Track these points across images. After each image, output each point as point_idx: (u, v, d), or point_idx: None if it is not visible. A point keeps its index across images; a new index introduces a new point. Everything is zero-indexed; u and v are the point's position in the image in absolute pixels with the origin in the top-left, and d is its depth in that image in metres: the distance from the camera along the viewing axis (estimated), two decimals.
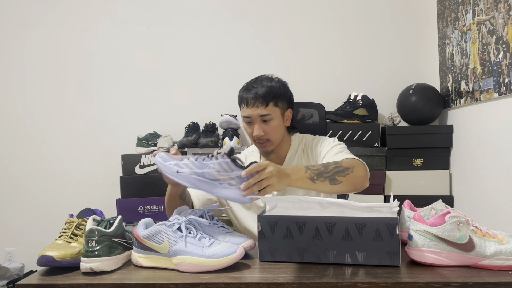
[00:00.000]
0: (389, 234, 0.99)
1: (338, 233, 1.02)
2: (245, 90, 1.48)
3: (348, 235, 1.02)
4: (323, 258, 1.04)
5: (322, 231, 1.03)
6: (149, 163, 2.44)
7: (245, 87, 1.49)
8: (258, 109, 1.44)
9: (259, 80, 1.48)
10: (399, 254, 1.00)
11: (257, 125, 1.46)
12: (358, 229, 1.01)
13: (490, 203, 1.87)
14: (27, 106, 2.77)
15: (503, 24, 1.69)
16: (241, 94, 1.48)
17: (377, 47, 2.61)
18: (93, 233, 1.03)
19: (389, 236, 0.99)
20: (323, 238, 1.03)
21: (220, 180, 1.10)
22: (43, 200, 2.77)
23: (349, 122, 2.37)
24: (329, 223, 1.03)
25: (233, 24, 2.68)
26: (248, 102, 1.45)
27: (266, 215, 1.08)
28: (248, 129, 1.49)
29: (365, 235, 1.01)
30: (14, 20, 2.76)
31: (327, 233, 1.03)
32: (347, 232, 1.02)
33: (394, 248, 0.99)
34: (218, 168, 1.10)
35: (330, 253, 1.03)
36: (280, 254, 1.07)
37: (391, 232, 0.99)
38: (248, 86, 1.48)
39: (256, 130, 1.45)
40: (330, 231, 1.03)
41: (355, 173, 1.29)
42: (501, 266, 0.97)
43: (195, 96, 2.70)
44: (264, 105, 1.44)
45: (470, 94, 2.03)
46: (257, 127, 1.45)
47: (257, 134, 1.45)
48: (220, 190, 1.10)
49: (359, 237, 1.01)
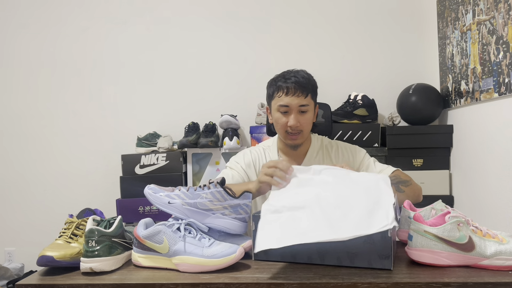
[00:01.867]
0: (380, 237, 0.98)
1: None
2: (282, 78, 1.46)
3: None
4: (314, 259, 1.04)
5: None
6: (149, 163, 2.44)
7: (281, 76, 1.48)
8: (298, 98, 1.43)
9: (295, 71, 1.48)
10: (391, 258, 0.98)
11: (294, 115, 1.44)
12: None
13: (490, 203, 1.87)
14: (27, 106, 2.77)
15: (503, 24, 1.69)
16: (278, 83, 1.46)
17: (377, 47, 2.61)
18: (93, 233, 1.03)
19: (380, 239, 0.99)
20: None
21: (213, 210, 1.11)
22: (43, 200, 2.77)
23: (349, 122, 2.37)
24: None
25: (233, 24, 2.68)
26: (288, 91, 1.43)
27: (259, 215, 1.08)
28: (282, 119, 1.46)
29: (357, 237, 1.00)
30: (15, 20, 2.76)
31: None
32: None
33: (386, 251, 0.98)
34: (210, 197, 1.11)
35: (321, 254, 1.03)
36: (272, 254, 1.07)
37: (383, 234, 0.98)
38: (285, 75, 1.47)
39: (293, 120, 1.44)
40: None
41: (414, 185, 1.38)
42: (501, 266, 0.97)
43: (195, 96, 2.70)
44: (304, 95, 1.44)
45: (470, 94, 2.03)
46: (293, 117, 1.44)
47: (293, 124, 1.44)
48: (213, 220, 1.11)
49: (351, 238, 1.00)
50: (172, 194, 1.13)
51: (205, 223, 1.10)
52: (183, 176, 2.49)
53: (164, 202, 1.12)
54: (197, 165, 2.52)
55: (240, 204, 1.13)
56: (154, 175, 2.42)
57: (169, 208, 1.12)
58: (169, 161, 2.44)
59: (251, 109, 2.58)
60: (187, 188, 1.13)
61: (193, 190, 1.12)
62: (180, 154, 2.47)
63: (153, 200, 1.14)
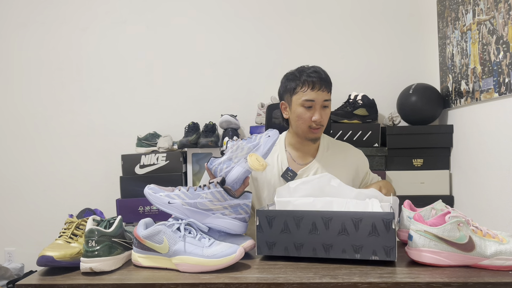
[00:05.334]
0: (385, 228, 1.00)
1: (334, 227, 1.03)
2: (305, 73, 1.49)
3: (345, 230, 1.02)
4: (319, 252, 1.04)
5: (319, 226, 1.04)
6: (149, 163, 2.44)
7: (301, 71, 1.51)
8: (323, 93, 1.48)
9: (315, 66, 1.52)
10: (395, 249, 1.00)
11: (319, 110, 1.48)
12: (354, 223, 1.02)
13: (490, 203, 1.87)
14: (27, 106, 2.77)
15: (503, 24, 1.69)
16: (303, 78, 1.48)
17: (377, 47, 2.61)
18: (93, 233, 1.03)
19: (385, 230, 1.00)
20: (320, 233, 1.04)
21: (213, 210, 1.11)
22: (43, 200, 2.77)
23: (349, 122, 2.36)
24: (326, 218, 1.03)
25: (233, 23, 2.68)
26: (314, 85, 1.46)
27: (264, 209, 1.09)
28: (306, 114, 1.48)
29: (362, 229, 1.01)
30: (13, 20, 2.76)
31: (324, 228, 1.03)
32: (344, 227, 1.02)
33: (390, 243, 1.00)
34: (210, 197, 1.11)
35: (327, 247, 1.04)
36: (277, 248, 1.07)
37: (387, 226, 1.00)
38: (306, 70, 1.50)
39: (318, 114, 1.47)
40: (327, 225, 1.03)
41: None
42: (501, 266, 0.97)
43: (195, 96, 2.70)
44: (327, 90, 1.50)
45: (470, 94, 2.03)
46: (318, 112, 1.48)
47: (317, 119, 1.47)
48: (213, 220, 1.11)
49: (356, 231, 1.02)
50: (172, 194, 1.13)
51: (205, 223, 1.11)
52: (183, 176, 2.49)
53: (164, 202, 1.12)
54: (197, 165, 2.52)
55: (240, 204, 1.13)
56: (154, 175, 2.42)
57: (169, 208, 1.12)
58: (169, 161, 2.44)
59: (251, 109, 2.58)
60: (187, 188, 1.14)
61: (193, 190, 1.13)
62: (180, 154, 2.47)
63: (153, 200, 1.14)
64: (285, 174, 1.50)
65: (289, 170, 1.50)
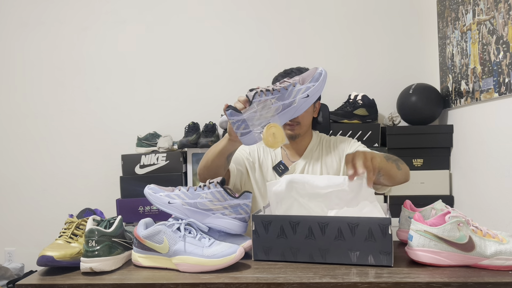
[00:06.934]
0: (381, 234, 0.99)
1: (331, 233, 1.03)
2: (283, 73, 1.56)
3: (341, 235, 1.02)
4: (316, 257, 1.04)
5: (315, 231, 1.03)
6: (149, 163, 2.44)
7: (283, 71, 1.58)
8: None
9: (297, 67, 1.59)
10: (391, 254, 1.00)
11: None
12: (350, 229, 1.01)
13: (490, 203, 1.87)
14: (27, 106, 2.77)
15: (503, 24, 1.69)
16: (276, 76, 1.57)
17: (377, 47, 2.61)
18: (93, 233, 1.03)
19: (381, 236, 0.99)
20: (316, 238, 1.04)
21: (213, 210, 1.11)
22: (43, 200, 2.77)
23: (349, 122, 2.37)
24: (322, 223, 1.03)
25: (233, 23, 2.68)
26: None
27: (260, 214, 1.09)
28: None
29: (358, 235, 1.01)
30: (14, 19, 2.76)
31: (320, 233, 1.03)
32: (340, 232, 1.02)
33: (387, 248, 1.00)
34: (210, 197, 1.11)
35: (323, 252, 1.03)
36: (273, 253, 1.07)
37: (384, 232, 0.99)
38: (286, 70, 1.57)
39: None
40: (323, 231, 1.03)
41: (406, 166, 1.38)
42: (501, 266, 0.97)
43: (195, 96, 2.70)
44: None
45: (470, 94, 2.03)
46: None
47: None
48: (213, 220, 1.11)
49: (352, 237, 1.01)
50: (172, 194, 1.13)
51: (205, 223, 1.11)
52: (183, 176, 2.49)
53: (164, 202, 1.12)
54: (197, 165, 2.52)
55: (240, 204, 1.13)
56: (154, 175, 2.42)
57: (169, 208, 1.12)
58: (169, 161, 2.44)
59: None
60: (187, 188, 1.13)
61: (193, 190, 1.13)
62: (180, 154, 2.47)
63: (153, 200, 1.14)
64: (277, 166, 1.51)
65: (282, 163, 1.52)
